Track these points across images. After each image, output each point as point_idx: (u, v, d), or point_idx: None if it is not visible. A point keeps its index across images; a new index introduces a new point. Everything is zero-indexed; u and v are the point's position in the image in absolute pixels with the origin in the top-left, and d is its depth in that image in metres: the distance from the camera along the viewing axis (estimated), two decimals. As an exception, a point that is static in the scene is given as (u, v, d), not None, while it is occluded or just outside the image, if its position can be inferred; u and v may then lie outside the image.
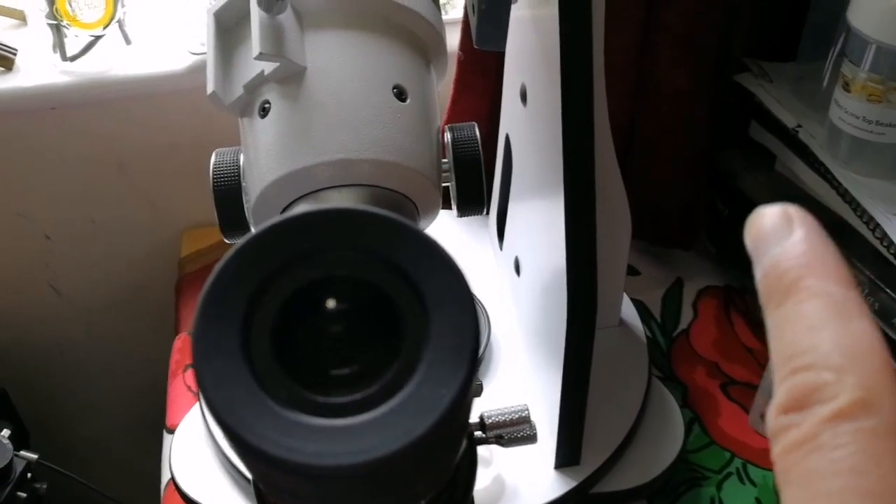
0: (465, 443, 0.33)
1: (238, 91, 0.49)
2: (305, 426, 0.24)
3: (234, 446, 0.25)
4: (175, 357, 0.81)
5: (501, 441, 0.37)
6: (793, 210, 0.25)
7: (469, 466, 0.34)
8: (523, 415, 0.37)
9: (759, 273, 0.25)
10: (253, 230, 0.51)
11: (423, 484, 0.29)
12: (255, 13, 0.46)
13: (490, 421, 0.38)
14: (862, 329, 0.23)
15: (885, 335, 0.69)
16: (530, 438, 0.41)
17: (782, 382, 0.23)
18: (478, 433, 0.38)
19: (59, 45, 0.83)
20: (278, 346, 0.25)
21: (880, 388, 0.22)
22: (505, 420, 0.37)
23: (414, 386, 0.25)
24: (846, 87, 0.69)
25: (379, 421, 0.24)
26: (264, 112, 0.48)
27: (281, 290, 0.25)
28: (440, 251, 0.26)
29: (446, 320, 0.25)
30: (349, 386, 0.25)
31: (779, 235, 0.25)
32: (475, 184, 0.51)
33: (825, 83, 0.74)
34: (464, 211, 0.52)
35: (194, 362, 0.24)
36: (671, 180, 0.83)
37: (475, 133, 0.51)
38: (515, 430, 0.37)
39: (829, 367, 0.22)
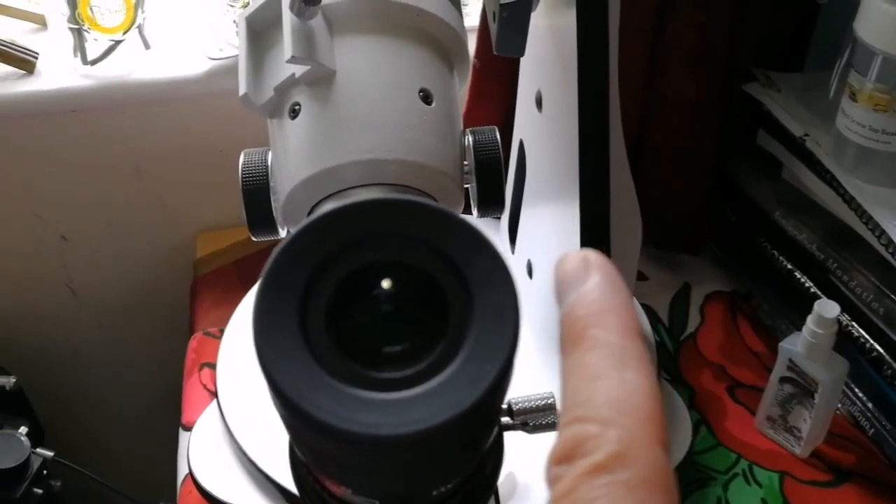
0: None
1: (269, 93, 0.50)
2: (360, 399, 0.26)
3: (291, 418, 0.26)
4: (191, 356, 0.82)
5: (527, 427, 0.39)
6: (592, 256, 0.26)
7: (496, 452, 0.36)
8: (549, 402, 0.38)
9: (561, 312, 0.26)
10: (279, 226, 0.52)
11: (462, 460, 0.31)
12: (287, 18, 0.48)
13: (517, 407, 0.39)
14: (635, 380, 0.24)
15: (890, 340, 0.71)
16: (555, 426, 0.42)
17: (560, 433, 0.24)
18: (505, 419, 0.39)
19: (80, 49, 0.85)
20: (334, 325, 0.27)
21: (638, 441, 0.23)
22: (531, 406, 0.39)
23: (460, 363, 0.26)
24: (853, 97, 0.71)
25: (428, 395, 0.26)
26: (294, 113, 0.49)
27: (336, 272, 0.27)
28: (483, 239, 0.28)
29: (489, 301, 0.27)
30: (400, 362, 0.27)
31: (577, 281, 0.26)
32: (496, 185, 0.52)
33: (832, 93, 0.76)
34: (484, 212, 0.54)
35: (254, 337, 0.26)
36: (680, 187, 0.85)
37: (496, 136, 0.53)
38: (541, 417, 0.38)
39: (597, 419, 0.23)
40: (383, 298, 0.28)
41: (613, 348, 0.25)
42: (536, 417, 0.38)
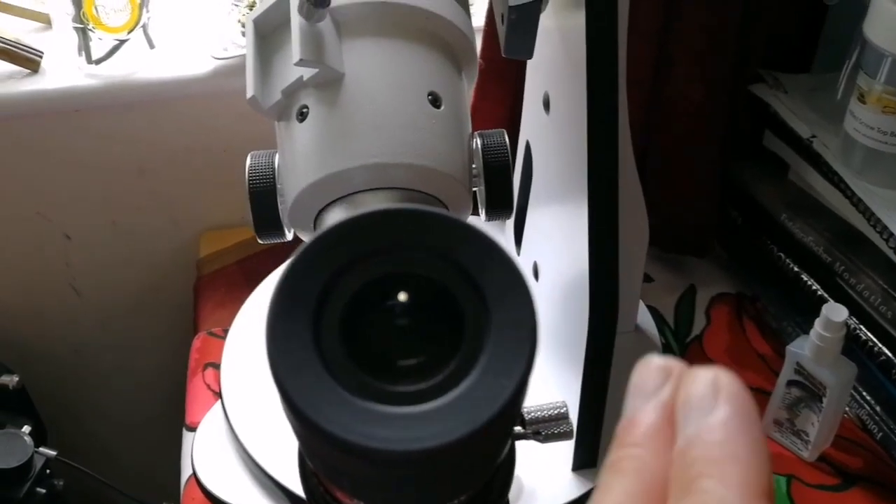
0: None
1: (276, 96, 0.50)
2: (374, 413, 0.25)
3: (304, 431, 0.26)
4: (194, 356, 0.82)
5: (539, 437, 0.38)
6: (724, 380, 0.22)
7: (508, 464, 0.36)
8: (562, 411, 0.38)
9: (678, 444, 0.23)
10: (286, 228, 0.52)
11: (475, 474, 0.30)
12: (296, 21, 0.47)
13: (529, 416, 0.39)
14: None
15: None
16: (568, 434, 0.42)
17: None
18: (517, 428, 0.39)
19: (85, 49, 0.84)
20: (348, 338, 0.26)
21: None
22: (544, 416, 0.38)
23: (476, 376, 0.26)
24: (861, 99, 0.70)
25: (444, 409, 0.25)
26: (302, 116, 0.49)
27: (350, 284, 0.27)
28: (500, 251, 0.27)
29: (506, 315, 0.26)
30: (415, 376, 0.26)
31: (701, 409, 0.22)
32: (505, 189, 0.52)
33: (840, 94, 0.75)
34: (492, 215, 0.53)
35: (268, 350, 0.26)
36: (686, 189, 0.84)
37: (504, 140, 0.53)
38: (554, 426, 0.38)
39: None
40: (398, 311, 0.27)
41: None
42: (549, 427, 0.38)
